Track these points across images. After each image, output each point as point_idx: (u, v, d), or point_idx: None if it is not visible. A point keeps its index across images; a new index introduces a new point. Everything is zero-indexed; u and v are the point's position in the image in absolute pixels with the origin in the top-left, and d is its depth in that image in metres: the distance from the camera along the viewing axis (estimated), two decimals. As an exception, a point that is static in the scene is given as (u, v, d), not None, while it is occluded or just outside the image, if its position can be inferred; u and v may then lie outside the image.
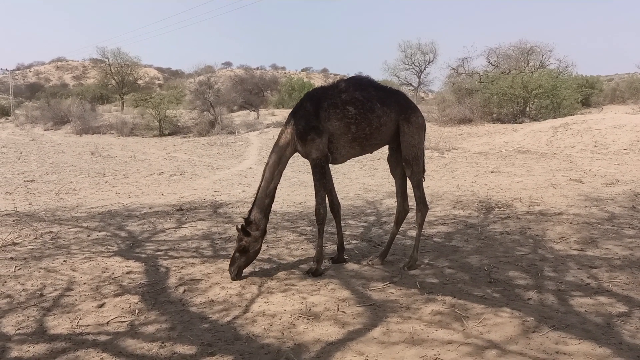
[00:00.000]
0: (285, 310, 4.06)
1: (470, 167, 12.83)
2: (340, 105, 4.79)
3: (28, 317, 4.00)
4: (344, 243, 5.50)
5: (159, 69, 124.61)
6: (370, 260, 5.30)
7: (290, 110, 5.22)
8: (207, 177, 13.05)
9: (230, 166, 15.39)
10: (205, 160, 17.22)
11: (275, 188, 5.12)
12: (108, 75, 56.66)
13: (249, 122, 32.45)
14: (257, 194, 5.04)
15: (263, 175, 5.04)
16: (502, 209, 7.82)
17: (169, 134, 30.43)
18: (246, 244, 4.86)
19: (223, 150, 19.83)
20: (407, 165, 4.92)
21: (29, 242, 6.28)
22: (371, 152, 5.18)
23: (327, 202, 5.21)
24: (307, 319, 3.88)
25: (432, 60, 51.13)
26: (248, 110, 42.56)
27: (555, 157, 13.59)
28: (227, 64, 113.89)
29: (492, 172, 11.95)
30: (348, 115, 4.76)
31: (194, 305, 4.22)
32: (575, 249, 5.62)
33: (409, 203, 5.41)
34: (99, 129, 34.16)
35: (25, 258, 5.60)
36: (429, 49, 51.09)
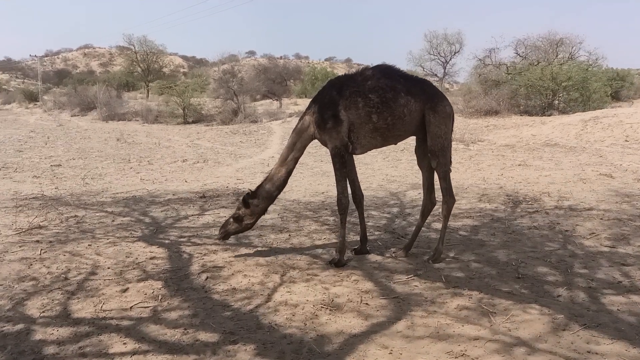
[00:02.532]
0: (307, 301, 4.01)
1: (497, 160, 12.59)
2: (362, 93, 4.69)
3: (52, 300, 4.02)
4: (367, 234, 5.42)
5: (184, 57, 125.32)
6: (394, 252, 5.22)
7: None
8: (229, 165, 13.06)
9: (252, 154, 15.39)
10: (228, 148, 17.25)
11: (289, 174, 5.13)
12: (134, 63, 57.14)
13: (272, 111, 32.45)
14: (270, 172, 5.13)
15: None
16: (529, 203, 7.65)
17: (193, 122, 30.60)
18: (242, 214, 5.06)
19: (246, 139, 19.84)
20: (434, 156, 4.80)
21: (55, 226, 6.34)
22: (395, 143, 5.07)
23: (350, 191, 5.14)
24: (330, 310, 3.83)
25: (458, 51, 50.25)
26: (271, 100, 42.58)
27: (584, 151, 13.26)
28: (251, 53, 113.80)
29: (519, 165, 11.71)
30: (370, 104, 4.66)
31: (216, 293, 4.20)
32: (606, 246, 5.46)
33: (435, 195, 5.28)
34: (124, 116, 34.51)
35: (50, 241, 5.65)
36: (455, 39, 50.24)
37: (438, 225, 6.34)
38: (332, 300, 4.02)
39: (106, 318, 3.70)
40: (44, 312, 3.81)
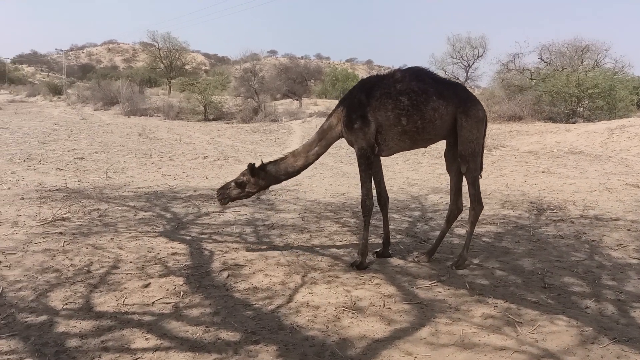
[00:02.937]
0: (329, 303, 3.97)
1: (520, 166, 12.41)
2: (393, 95, 4.63)
3: (75, 293, 4.04)
4: (390, 237, 5.36)
5: (206, 55, 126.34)
6: (416, 257, 5.15)
7: (333, 101, 5.18)
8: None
9: (272, 153, 15.37)
10: (248, 146, 17.28)
11: (305, 166, 5.16)
12: (157, 59, 57.67)
13: (292, 111, 32.49)
14: (289, 155, 5.18)
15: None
16: (554, 211, 7.51)
17: (213, 119, 30.78)
18: (245, 181, 5.10)
19: (266, 138, 19.87)
20: (463, 161, 4.72)
21: (78, 218, 6.39)
22: (425, 147, 5.02)
23: (375, 193, 5.09)
24: (352, 313, 3.78)
25: (482, 55, 49.74)
26: (291, 99, 42.66)
27: (610, 160, 13.02)
28: (273, 52, 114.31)
29: (542, 172, 11.53)
30: (400, 106, 4.60)
31: (237, 291, 4.18)
32: (634, 258, 5.33)
33: (462, 201, 5.20)
34: (146, 111, 34.83)
35: (73, 234, 5.69)
36: (478, 43, 49.75)
37: (461, 231, 6.27)
38: (354, 304, 3.97)
39: (128, 313, 3.70)
40: (66, 304, 3.83)
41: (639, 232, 6.31)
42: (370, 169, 4.86)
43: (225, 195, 5.21)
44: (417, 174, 11.28)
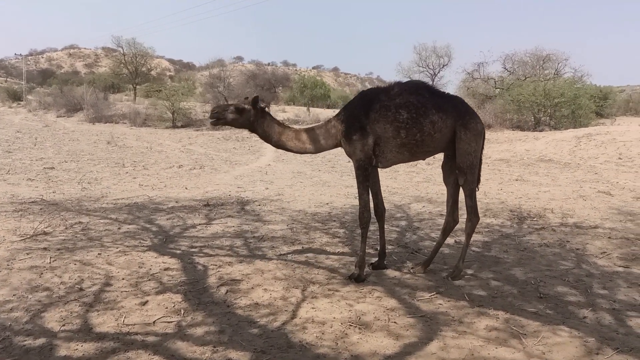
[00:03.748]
0: (334, 318, 3.94)
1: (494, 174, 12.66)
2: (392, 108, 4.66)
3: (71, 313, 3.90)
4: (386, 249, 5.38)
5: (171, 61, 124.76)
6: (412, 268, 5.17)
7: (302, 108, 5.18)
8: (227, 172, 12.94)
9: (248, 162, 15.28)
10: (222, 154, 17.12)
11: (292, 150, 5.11)
12: (122, 65, 56.58)
13: (262, 118, 32.35)
14: (289, 127, 5.17)
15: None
16: (534, 219, 7.68)
17: (182, 126, 30.41)
18: (246, 109, 4.88)
19: (239, 145, 19.73)
20: (461, 174, 4.77)
21: (60, 232, 6.18)
22: (423, 159, 5.06)
23: (372, 205, 5.10)
24: (359, 329, 3.76)
25: (447, 64, 50.82)
26: (259, 106, 42.47)
27: (579, 168, 13.41)
28: (239, 59, 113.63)
29: (516, 180, 11.79)
30: (399, 119, 4.63)
31: (239, 308, 4.11)
32: (620, 266, 5.47)
33: (459, 213, 5.25)
34: (111, 118, 34.13)
35: (58, 249, 5.50)
36: (444, 52, 50.80)
37: (449, 241, 6.34)
38: (359, 318, 3.95)
39: (130, 333, 3.59)
40: (64, 325, 3.69)
41: (620, 239, 6.50)
42: (367, 181, 4.87)
43: (220, 116, 4.89)
44: (396, 182, 11.37)
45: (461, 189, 4.96)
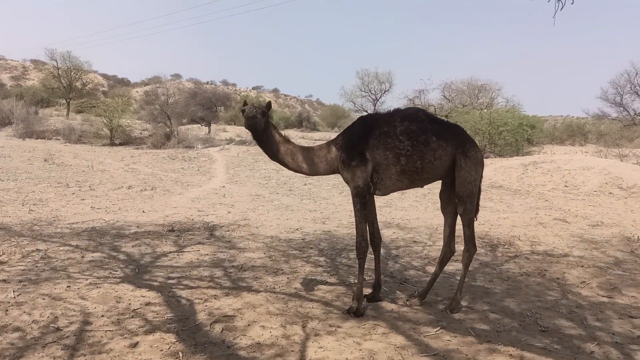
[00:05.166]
0: (347, 359, 3.68)
1: (450, 200, 12.81)
2: (392, 134, 4.54)
3: (54, 359, 3.43)
4: (370, 279, 5.19)
5: (104, 76, 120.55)
6: (407, 301, 5.00)
7: (243, 128, 4.98)
8: (181, 194, 12.39)
9: (200, 183, 14.74)
10: (170, 175, 16.46)
11: (284, 164, 4.88)
12: (55, 78, 53.99)
13: (205, 138, 31.78)
14: (293, 144, 4.93)
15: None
16: (505, 247, 7.74)
17: (121, 144, 29.24)
18: (265, 114, 4.62)
19: (187, 166, 19.08)
20: (460, 202, 4.69)
21: (17, 262, 5.59)
22: (421, 187, 4.94)
23: (368, 234, 4.91)
24: (377, 370, 3.52)
25: (388, 90, 52.19)
26: (199, 125, 41.79)
27: (529, 195, 13.83)
28: (177, 76, 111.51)
29: (474, 206, 11.96)
30: (399, 146, 4.51)
31: (241, 349, 3.78)
32: (603, 296, 5.54)
33: (455, 243, 5.16)
34: (43, 134, 32.30)
35: (20, 281, 4.95)
36: (385, 78, 52.15)
37: (433, 269, 6.24)
38: (372, 358, 3.72)
39: (128, 382, 3.19)
40: (48, 374, 3.23)
41: (593, 268, 6.63)
42: (365, 209, 4.69)
43: (257, 118, 4.56)
44: (358, 207, 11.24)
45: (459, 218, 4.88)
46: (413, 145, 4.51)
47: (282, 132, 4.99)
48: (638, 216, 10.96)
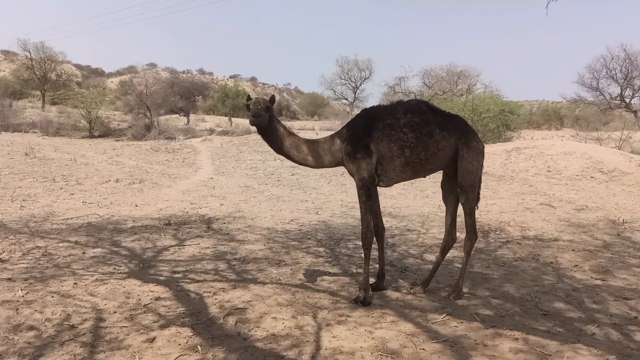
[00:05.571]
0: (361, 347, 3.79)
1: (437, 187, 12.95)
2: (396, 127, 4.62)
3: (74, 356, 3.47)
4: (371, 267, 5.29)
5: (78, 66, 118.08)
6: (411, 289, 5.13)
7: (223, 118, 4.99)
8: (170, 186, 12.35)
9: (188, 175, 14.69)
10: (156, 167, 16.35)
11: (289, 157, 4.92)
12: (28, 70, 52.81)
13: (185, 128, 31.57)
14: (298, 136, 4.97)
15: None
16: (497, 232, 7.93)
17: (100, 136, 28.88)
18: (270, 108, 4.61)
19: (172, 157, 18.96)
20: (462, 192, 4.81)
21: (19, 259, 5.57)
22: (424, 177, 5.04)
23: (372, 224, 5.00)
24: (392, 358, 3.63)
25: (368, 77, 52.35)
26: (178, 115, 41.45)
27: (514, 180, 14.11)
28: (152, 65, 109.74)
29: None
30: (404, 138, 4.60)
31: (257, 340, 3.85)
32: (597, 279, 5.74)
33: (457, 232, 5.29)
34: (19, 127, 31.73)
35: (26, 279, 4.94)
36: (365, 66, 52.30)
37: (430, 257, 6.39)
38: (386, 346, 3.83)
39: (153, 377, 3.24)
40: (72, 372, 3.27)
41: (583, 252, 6.84)
42: (370, 200, 4.77)
43: (262, 114, 4.54)
44: (348, 196, 11.36)
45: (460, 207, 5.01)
46: (417, 137, 4.60)
47: (286, 125, 5.03)
48: (620, 199, 11.29)
